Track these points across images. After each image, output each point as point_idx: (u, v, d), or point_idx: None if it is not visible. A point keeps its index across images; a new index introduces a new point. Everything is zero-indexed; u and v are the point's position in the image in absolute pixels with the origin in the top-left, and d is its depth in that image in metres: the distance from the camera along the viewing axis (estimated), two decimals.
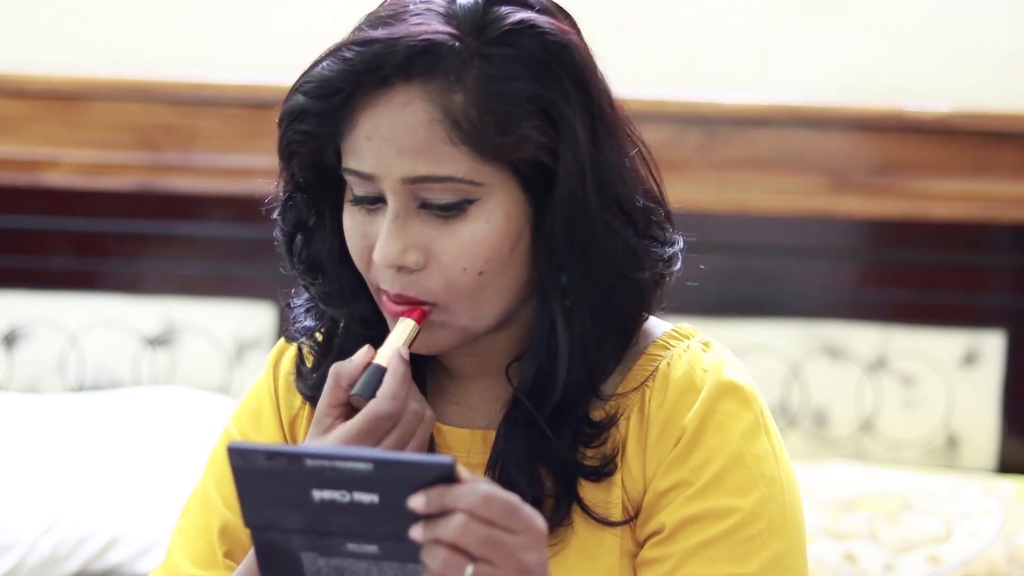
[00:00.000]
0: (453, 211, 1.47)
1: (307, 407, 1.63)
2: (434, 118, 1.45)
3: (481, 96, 1.45)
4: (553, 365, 1.52)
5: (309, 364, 1.62)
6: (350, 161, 1.48)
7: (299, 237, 1.57)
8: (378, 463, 1.28)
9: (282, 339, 1.66)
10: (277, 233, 1.58)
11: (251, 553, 1.50)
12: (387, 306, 1.51)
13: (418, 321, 1.49)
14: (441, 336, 1.51)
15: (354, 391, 1.47)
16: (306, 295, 1.62)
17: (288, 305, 1.63)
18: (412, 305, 1.50)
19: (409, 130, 1.45)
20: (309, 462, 1.29)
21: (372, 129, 1.46)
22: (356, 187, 1.49)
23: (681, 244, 1.58)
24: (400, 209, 1.47)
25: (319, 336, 1.61)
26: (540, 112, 1.47)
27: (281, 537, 1.33)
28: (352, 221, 1.51)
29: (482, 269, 1.48)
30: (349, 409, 1.49)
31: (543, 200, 1.49)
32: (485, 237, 1.47)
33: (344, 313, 1.57)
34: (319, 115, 1.46)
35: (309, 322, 1.61)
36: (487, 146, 1.45)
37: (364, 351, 1.49)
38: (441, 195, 1.46)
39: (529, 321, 1.55)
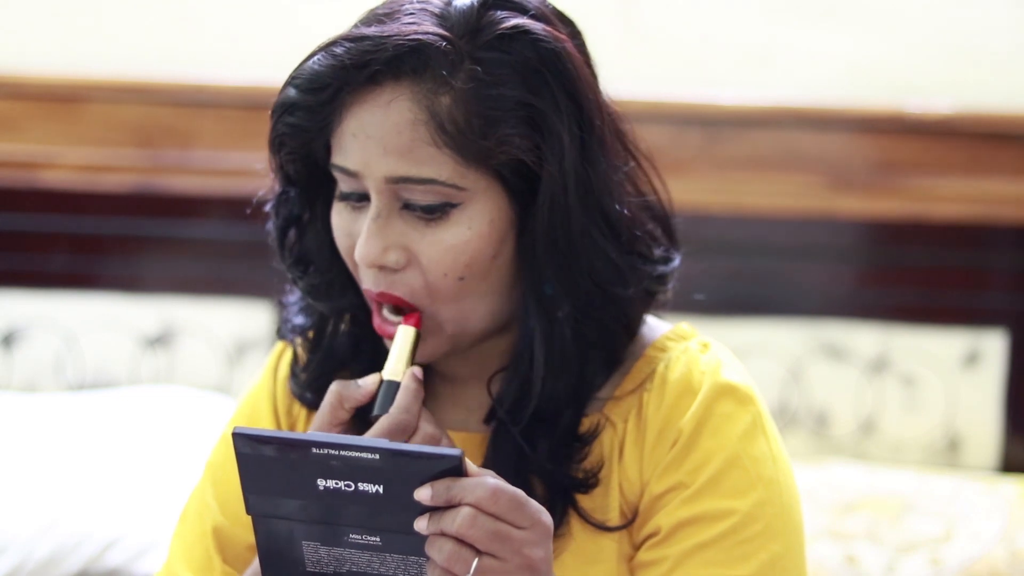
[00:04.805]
0: (436, 213, 1.46)
1: (304, 412, 1.62)
2: (419, 119, 1.44)
3: (468, 99, 1.44)
4: (531, 378, 1.50)
5: (302, 363, 1.61)
6: (337, 157, 1.48)
7: (292, 231, 1.56)
8: (385, 453, 1.28)
9: (281, 343, 1.65)
10: (270, 226, 1.58)
11: (255, 563, 1.49)
12: (374, 308, 1.50)
13: (417, 326, 1.48)
14: (432, 344, 1.50)
15: (375, 412, 1.45)
16: (299, 292, 1.61)
17: (282, 303, 1.63)
18: (395, 302, 1.48)
19: (394, 129, 1.44)
20: (315, 450, 1.28)
21: (358, 126, 1.45)
22: (342, 183, 1.49)
23: (677, 263, 1.56)
24: (383, 208, 1.47)
25: (309, 334, 1.61)
26: (527, 119, 1.45)
27: (283, 525, 1.33)
28: (339, 219, 1.50)
29: (462, 275, 1.47)
30: (349, 428, 1.48)
31: (528, 208, 1.48)
32: (466, 243, 1.46)
33: (330, 307, 1.57)
34: (308, 109, 1.46)
35: (301, 319, 1.61)
36: (471, 150, 1.44)
37: (372, 377, 1.47)
38: (423, 197, 1.45)
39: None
